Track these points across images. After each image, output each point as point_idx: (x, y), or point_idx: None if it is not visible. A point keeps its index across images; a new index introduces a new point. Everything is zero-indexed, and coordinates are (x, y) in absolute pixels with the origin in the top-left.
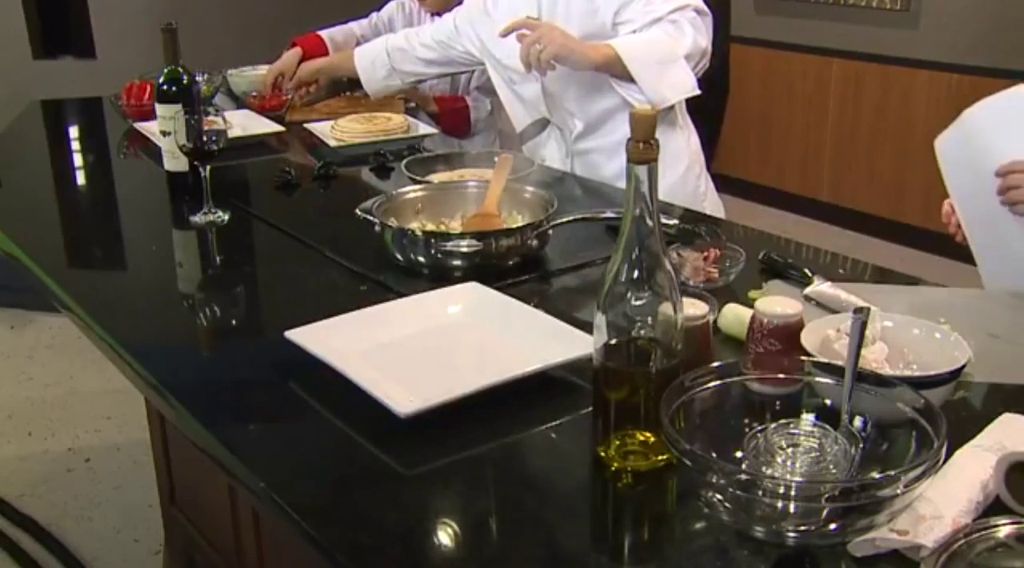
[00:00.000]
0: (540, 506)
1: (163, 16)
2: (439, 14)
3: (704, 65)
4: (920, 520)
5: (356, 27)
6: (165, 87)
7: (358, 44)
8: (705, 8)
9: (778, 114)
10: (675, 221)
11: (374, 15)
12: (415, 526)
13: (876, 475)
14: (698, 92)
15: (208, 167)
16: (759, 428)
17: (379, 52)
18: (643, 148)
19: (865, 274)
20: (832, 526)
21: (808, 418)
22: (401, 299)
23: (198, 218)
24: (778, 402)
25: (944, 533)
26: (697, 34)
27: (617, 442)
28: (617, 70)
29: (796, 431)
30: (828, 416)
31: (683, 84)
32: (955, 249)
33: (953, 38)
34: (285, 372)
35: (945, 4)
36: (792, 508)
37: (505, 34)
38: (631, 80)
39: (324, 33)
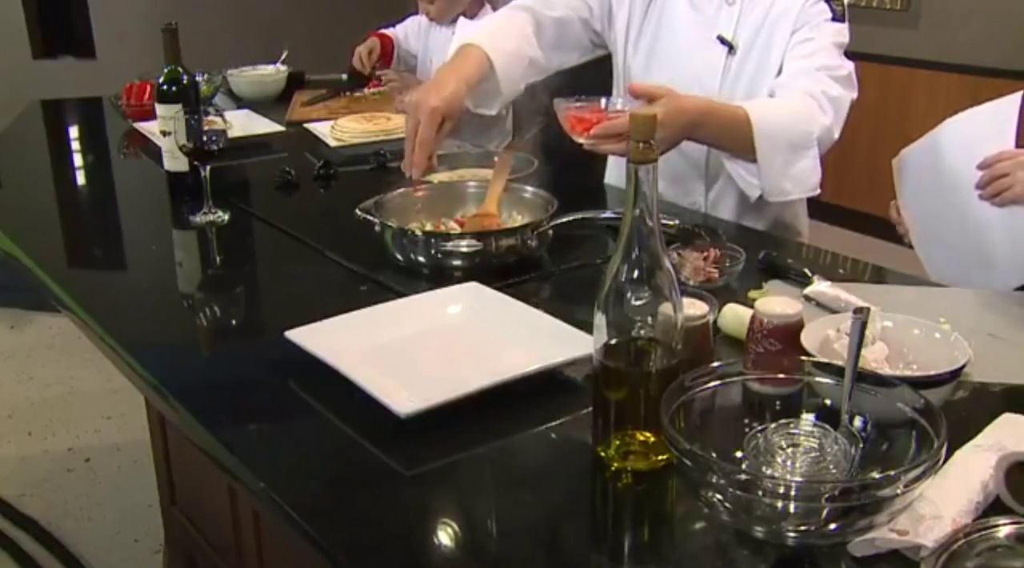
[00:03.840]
0: (540, 506)
1: (163, 16)
2: (442, 23)
3: (827, 152)
4: (920, 520)
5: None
6: (165, 87)
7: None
8: (854, 80)
9: None
10: (675, 221)
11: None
12: (415, 526)
13: (876, 475)
14: (819, 191)
15: (208, 167)
16: (759, 428)
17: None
18: (643, 148)
19: (865, 274)
20: (832, 526)
21: (808, 418)
22: (401, 299)
23: (198, 218)
24: (778, 402)
25: (944, 533)
26: (836, 118)
27: (617, 442)
28: (737, 141)
29: (796, 431)
30: (828, 416)
31: (809, 178)
32: None
33: (953, 38)
34: (285, 372)
35: (945, 4)
36: (792, 508)
37: (637, 94)
38: (749, 156)
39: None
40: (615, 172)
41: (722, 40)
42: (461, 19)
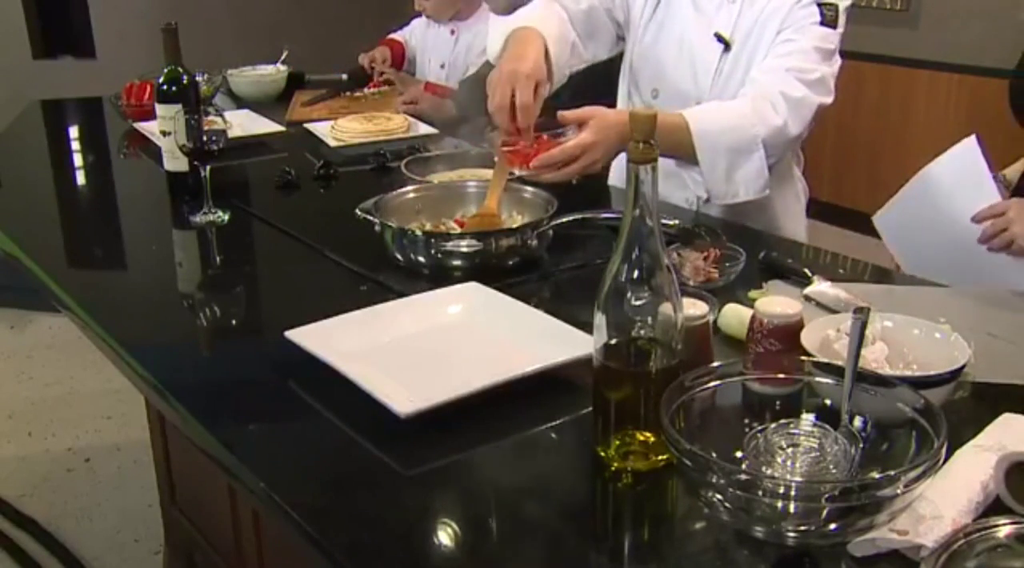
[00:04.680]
0: (540, 506)
1: (163, 16)
2: (439, 21)
3: (785, 151)
4: (920, 520)
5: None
6: (165, 87)
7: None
8: (829, 84)
9: None
10: (675, 221)
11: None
12: (415, 526)
13: (876, 475)
14: (767, 193)
15: (208, 167)
16: (759, 428)
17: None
18: (643, 148)
19: (865, 274)
20: (832, 526)
21: (808, 418)
22: (401, 299)
23: (198, 218)
24: (778, 402)
25: (944, 533)
26: (792, 117)
27: (617, 442)
28: (680, 148)
29: (796, 431)
30: (828, 416)
31: (756, 181)
32: None
33: (953, 38)
34: (285, 372)
35: (945, 4)
36: (792, 508)
37: (567, 121)
38: (691, 158)
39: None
40: (618, 173)
41: (719, 38)
42: (491, 15)
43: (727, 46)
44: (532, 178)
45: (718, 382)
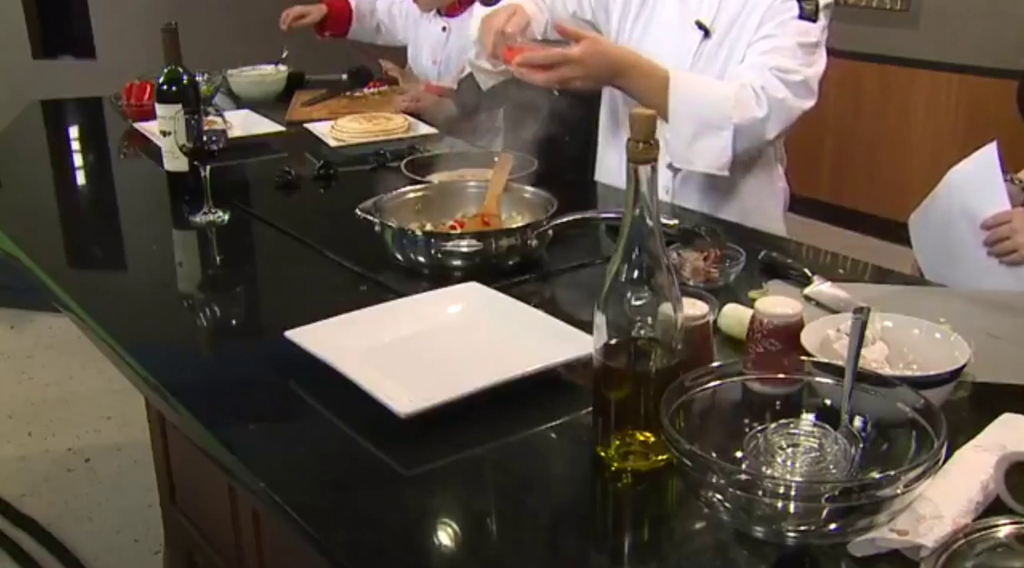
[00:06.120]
0: (540, 506)
1: (163, 16)
2: (427, 12)
3: (758, 146)
4: (920, 520)
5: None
6: (165, 87)
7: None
8: (812, 86)
9: None
10: (675, 221)
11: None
12: (415, 526)
13: (876, 475)
14: (726, 174)
15: (208, 167)
16: (759, 428)
17: None
18: (643, 148)
19: (865, 274)
20: (832, 526)
21: (808, 418)
22: (401, 299)
23: (198, 218)
24: (778, 402)
25: (944, 533)
26: (773, 118)
27: (617, 442)
28: (651, 99)
29: (796, 431)
30: (828, 416)
31: (717, 158)
32: None
33: (953, 38)
34: (285, 372)
35: (945, 4)
36: (792, 508)
37: (564, 33)
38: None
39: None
40: (618, 173)
41: (699, 25)
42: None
43: (707, 33)
44: (520, 77)
45: (718, 382)
